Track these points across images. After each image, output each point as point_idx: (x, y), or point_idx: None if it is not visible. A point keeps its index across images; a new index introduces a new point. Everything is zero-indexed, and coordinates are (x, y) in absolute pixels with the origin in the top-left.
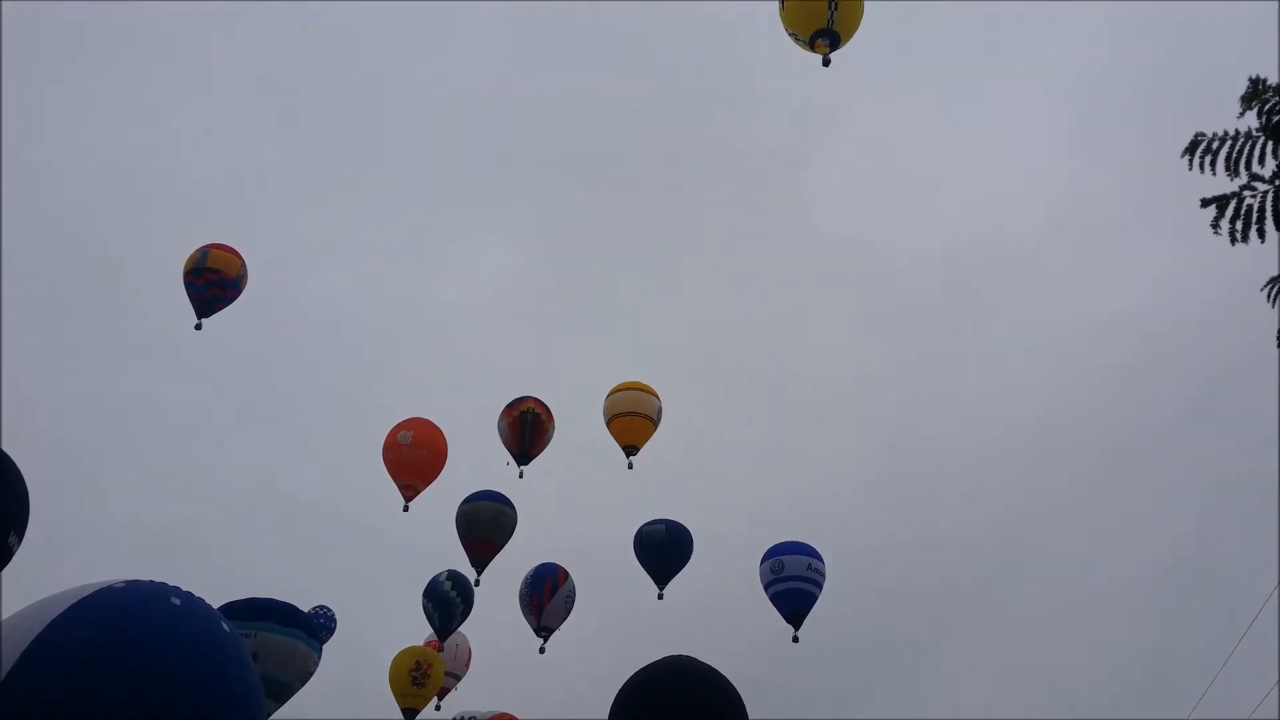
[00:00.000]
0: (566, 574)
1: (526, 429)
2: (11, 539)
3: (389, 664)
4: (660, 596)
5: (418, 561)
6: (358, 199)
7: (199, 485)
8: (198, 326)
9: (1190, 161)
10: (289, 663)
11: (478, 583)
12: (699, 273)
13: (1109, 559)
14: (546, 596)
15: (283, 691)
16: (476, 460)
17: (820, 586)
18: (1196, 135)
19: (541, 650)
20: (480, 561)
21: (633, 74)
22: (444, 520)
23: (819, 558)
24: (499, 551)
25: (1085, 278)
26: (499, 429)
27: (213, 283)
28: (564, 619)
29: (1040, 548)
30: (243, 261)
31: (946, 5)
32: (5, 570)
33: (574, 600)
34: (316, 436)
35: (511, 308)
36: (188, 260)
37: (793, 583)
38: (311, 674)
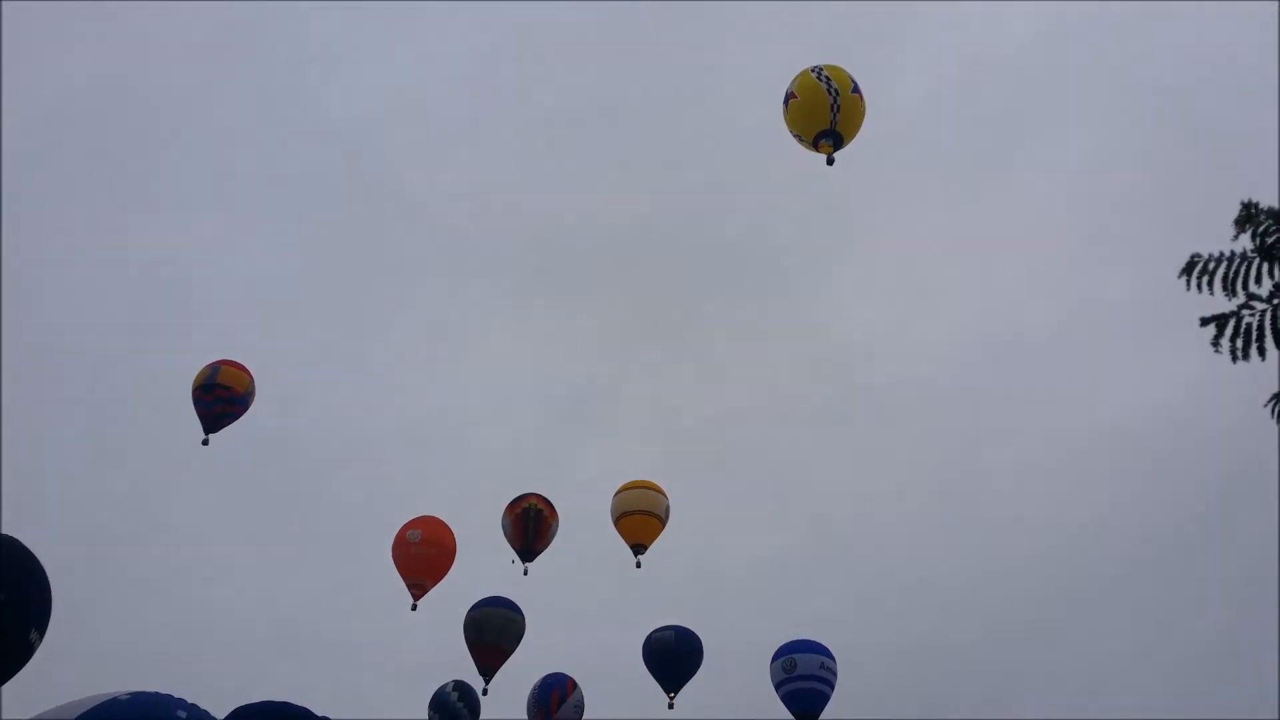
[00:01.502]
0: (574, 683)
1: (529, 525)
2: (33, 636)
3: None
4: (671, 705)
5: (424, 669)
6: (364, 306)
7: (201, 594)
8: (205, 442)
9: (1188, 282)
10: None
11: (485, 691)
12: (708, 376)
13: (1132, 667)
14: (554, 706)
15: None
16: (485, 559)
17: (833, 686)
18: (1193, 256)
19: None
20: (488, 670)
21: (644, 179)
22: (452, 624)
23: (831, 656)
24: (507, 659)
25: (1102, 383)
26: (502, 526)
27: (222, 399)
28: None
29: (1060, 655)
30: (252, 378)
31: (950, 104)
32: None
33: (583, 709)
34: (323, 542)
35: (521, 410)
36: (198, 375)
37: (805, 682)
38: None
